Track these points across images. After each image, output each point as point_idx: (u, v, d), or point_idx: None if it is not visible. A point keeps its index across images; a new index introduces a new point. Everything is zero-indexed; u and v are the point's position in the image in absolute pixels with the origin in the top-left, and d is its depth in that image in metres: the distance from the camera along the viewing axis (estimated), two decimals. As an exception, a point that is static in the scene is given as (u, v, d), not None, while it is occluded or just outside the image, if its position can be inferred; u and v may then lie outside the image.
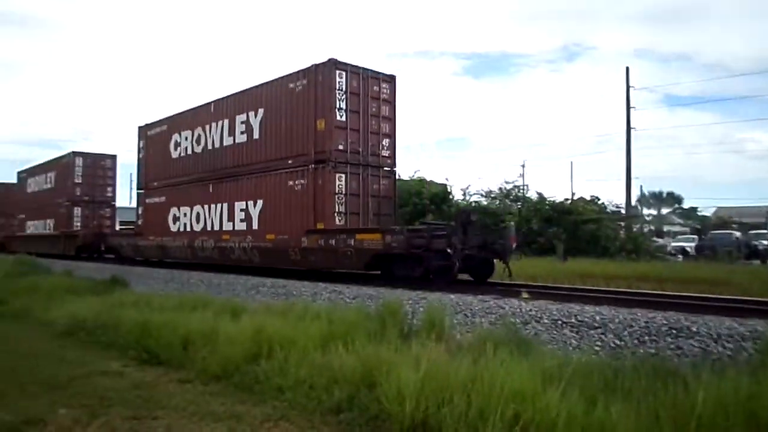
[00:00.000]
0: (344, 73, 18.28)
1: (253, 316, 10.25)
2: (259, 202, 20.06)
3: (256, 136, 20.49)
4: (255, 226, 20.12)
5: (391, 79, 19.31)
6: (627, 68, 43.70)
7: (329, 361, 7.41)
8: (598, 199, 38.73)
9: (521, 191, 40.17)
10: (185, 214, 23.47)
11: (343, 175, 18.09)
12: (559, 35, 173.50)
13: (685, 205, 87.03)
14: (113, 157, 35.00)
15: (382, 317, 9.31)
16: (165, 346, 9.55)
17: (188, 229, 23.22)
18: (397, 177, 19.68)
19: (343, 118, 18.18)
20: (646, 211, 76.22)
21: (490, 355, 6.67)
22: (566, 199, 37.52)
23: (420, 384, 6.12)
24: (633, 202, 47.63)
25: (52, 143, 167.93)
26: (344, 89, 18.22)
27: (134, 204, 27.70)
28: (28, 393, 7.82)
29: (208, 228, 22.16)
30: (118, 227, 35.20)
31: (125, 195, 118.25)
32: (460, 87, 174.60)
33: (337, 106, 18.09)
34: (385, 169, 19.10)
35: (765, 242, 40.18)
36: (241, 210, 20.80)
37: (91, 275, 20.83)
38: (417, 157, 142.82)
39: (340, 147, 18.05)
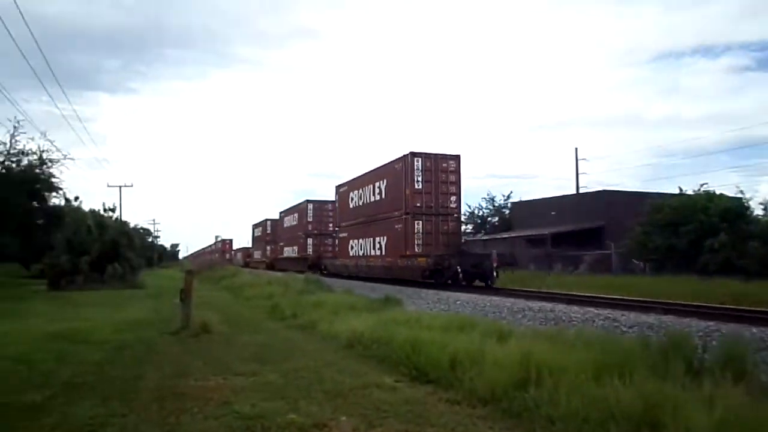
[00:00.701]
0: (420, 159, 29.63)
1: (520, 340, 10.25)
2: (384, 238, 32.14)
3: (383, 196, 32.61)
4: (383, 252, 32.23)
5: (456, 158, 30.12)
6: None
7: (604, 394, 7.05)
8: None
9: None
10: (355, 245, 36.32)
11: (420, 222, 29.42)
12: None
13: None
14: (333, 203, 49.26)
15: (665, 349, 8.83)
16: (433, 365, 9.82)
17: (356, 254, 35.97)
18: (462, 219, 30.53)
19: (420, 187, 29.54)
20: None
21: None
22: None
23: (714, 430, 5.84)
24: None
25: (325, 175, 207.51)
26: (420, 168, 29.57)
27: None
28: (314, 399, 8.59)
29: (363, 254, 34.75)
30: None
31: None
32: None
33: (416, 179, 29.49)
34: (451, 215, 30.03)
35: None
36: (377, 242, 33.04)
37: (366, 293, 23.94)
38: (703, 168, 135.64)
39: (418, 204, 29.45)
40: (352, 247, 36.54)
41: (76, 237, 37.93)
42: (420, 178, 29.46)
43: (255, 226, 76.21)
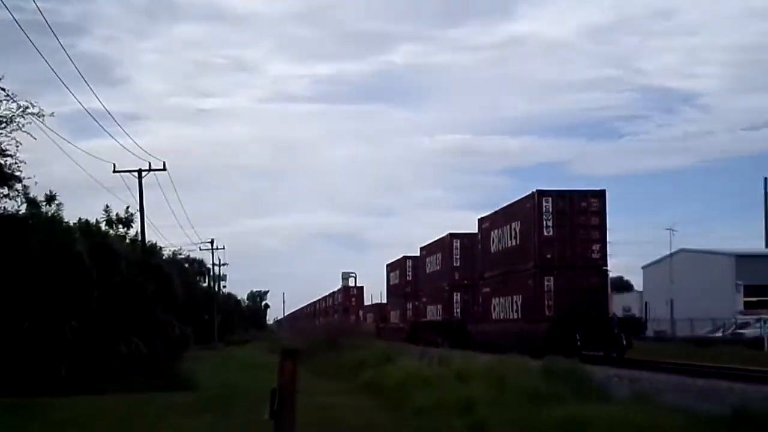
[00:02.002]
0: (549, 199, 24.30)
1: None
2: (520, 297, 26.72)
3: (517, 242, 27.07)
4: (519, 315, 26.69)
5: (598, 195, 24.56)
6: None
7: None
8: None
9: None
10: (497, 304, 30.58)
11: (551, 277, 23.90)
12: None
13: None
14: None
15: None
16: None
17: (497, 316, 30.16)
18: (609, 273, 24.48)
19: (551, 233, 24.13)
20: None
21: None
22: None
23: None
24: None
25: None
26: (551, 211, 24.18)
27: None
28: None
29: (503, 316, 29.09)
30: None
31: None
32: None
33: (545, 224, 24.16)
34: (594, 268, 24.21)
35: None
36: (514, 301, 27.51)
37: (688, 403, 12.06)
38: None
39: (548, 256, 24.04)
40: (494, 307, 31.20)
41: (48, 278, 18.66)
42: (550, 223, 24.55)
43: (390, 268, 54.62)
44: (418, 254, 45.80)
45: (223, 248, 62.57)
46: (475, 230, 33.67)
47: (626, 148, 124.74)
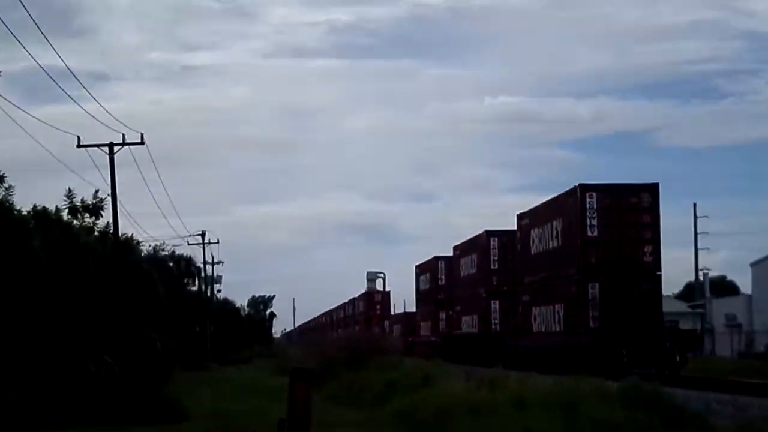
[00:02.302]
0: (594, 195, 21.56)
1: None
2: (562, 306, 23.78)
3: (560, 242, 24.06)
4: (562, 327, 23.72)
5: (651, 189, 21.81)
6: None
7: None
8: None
9: None
10: (538, 314, 27.26)
11: (596, 284, 21.10)
12: None
13: None
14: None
15: None
16: None
17: (539, 329, 26.81)
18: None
19: (595, 234, 21.35)
20: None
21: None
22: None
23: None
24: None
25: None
26: (595, 207, 21.41)
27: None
28: None
29: (545, 328, 25.85)
30: None
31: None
32: None
33: (589, 223, 21.38)
34: (646, 273, 21.40)
35: None
36: (557, 311, 24.48)
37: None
38: None
39: (593, 259, 21.28)
40: (535, 318, 27.97)
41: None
42: (595, 222, 21.83)
43: (420, 270, 48.44)
44: (452, 254, 40.07)
45: (217, 243, 51.98)
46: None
47: (728, 112, 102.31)
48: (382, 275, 74.72)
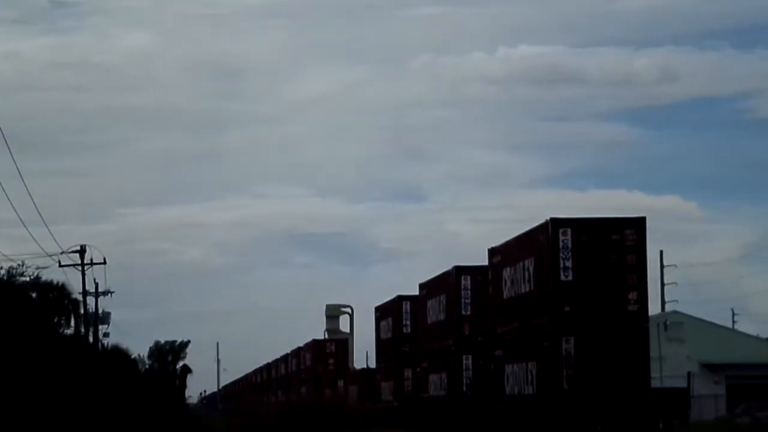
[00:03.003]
0: (568, 231, 18.85)
1: None
2: (535, 363, 20.58)
3: (532, 287, 20.82)
4: (535, 389, 20.39)
5: (636, 223, 19.27)
6: None
7: None
8: None
9: None
10: (510, 373, 23.75)
11: (571, 337, 18.17)
12: None
13: None
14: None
15: None
16: None
17: (512, 390, 23.34)
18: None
19: (570, 277, 18.51)
20: None
21: None
22: None
23: None
24: None
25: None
26: (569, 246, 18.60)
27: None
28: None
29: (518, 390, 22.34)
30: None
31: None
32: None
33: (562, 265, 18.51)
34: (632, 324, 18.68)
35: None
36: (529, 370, 21.26)
37: None
38: None
39: (567, 308, 18.42)
40: (508, 378, 24.32)
41: None
42: (570, 264, 18.74)
43: (380, 314, 40.40)
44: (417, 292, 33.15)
45: (104, 263, 38.58)
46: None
47: None
48: (348, 310, 58.43)
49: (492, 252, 25.63)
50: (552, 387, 18.44)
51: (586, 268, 18.48)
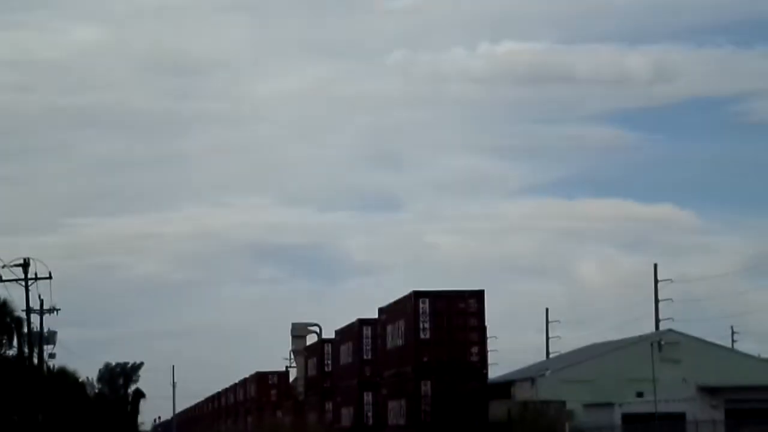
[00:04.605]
0: (427, 301, 24.41)
1: None
2: (403, 401, 26.26)
3: (403, 342, 26.69)
4: (405, 423, 26.10)
5: (476, 295, 25.02)
6: None
7: None
8: None
9: None
10: (392, 409, 29.86)
11: (428, 382, 23.73)
12: None
13: None
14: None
15: None
16: None
17: (394, 422, 29.36)
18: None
19: (428, 336, 24.12)
20: None
21: None
22: None
23: None
24: None
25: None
26: (428, 312, 24.26)
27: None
28: None
29: (396, 422, 28.20)
30: None
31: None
32: None
33: (421, 327, 24.19)
34: (472, 373, 24.38)
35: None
36: (401, 407, 26.96)
37: None
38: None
39: (425, 359, 23.97)
40: (390, 411, 30.32)
41: None
42: (428, 325, 24.65)
43: (307, 353, 46.07)
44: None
45: (49, 278, 36.35)
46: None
47: None
48: (316, 329, 54.17)
49: (380, 311, 31.97)
50: (415, 420, 24.18)
51: (440, 329, 24.42)
